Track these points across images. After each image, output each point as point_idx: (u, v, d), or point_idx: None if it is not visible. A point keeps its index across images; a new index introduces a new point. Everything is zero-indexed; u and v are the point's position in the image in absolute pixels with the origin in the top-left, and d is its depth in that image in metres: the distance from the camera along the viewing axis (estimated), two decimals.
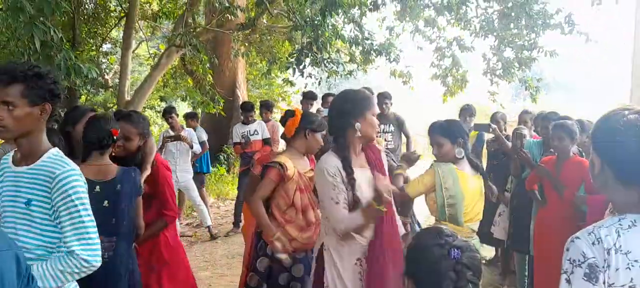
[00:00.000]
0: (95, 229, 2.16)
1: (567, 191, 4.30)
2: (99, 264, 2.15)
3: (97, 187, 3.03)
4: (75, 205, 2.10)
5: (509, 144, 5.34)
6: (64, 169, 2.12)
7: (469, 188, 3.42)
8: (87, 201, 2.15)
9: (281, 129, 4.78)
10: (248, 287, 3.59)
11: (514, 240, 5.23)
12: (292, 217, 3.55)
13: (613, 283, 1.48)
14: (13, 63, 2.17)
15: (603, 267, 1.47)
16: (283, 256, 3.46)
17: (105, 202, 3.05)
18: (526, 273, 5.12)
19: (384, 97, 7.22)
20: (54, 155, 2.18)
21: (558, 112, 5.38)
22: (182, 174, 7.47)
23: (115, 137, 3.13)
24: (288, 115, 3.69)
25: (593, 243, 1.49)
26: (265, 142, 7.65)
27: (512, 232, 5.24)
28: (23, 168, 2.16)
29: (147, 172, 3.46)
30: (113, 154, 3.21)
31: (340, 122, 2.78)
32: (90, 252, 2.10)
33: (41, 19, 4.32)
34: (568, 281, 1.51)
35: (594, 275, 1.47)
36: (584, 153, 4.71)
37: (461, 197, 3.36)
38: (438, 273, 1.60)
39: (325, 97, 7.90)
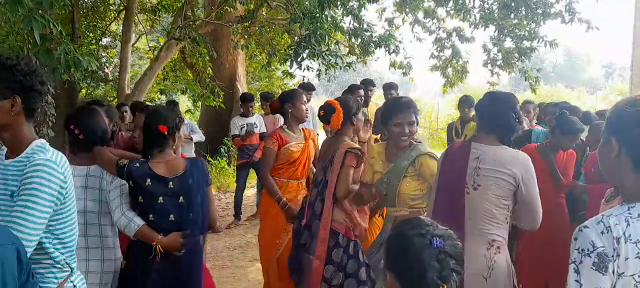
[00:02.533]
0: (37, 225, 2.03)
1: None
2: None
3: (171, 183, 3.04)
4: (30, 195, 2.01)
5: None
6: (42, 157, 2.07)
7: None
8: (49, 196, 2.05)
9: (282, 121, 4.90)
10: (325, 279, 3.61)
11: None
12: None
13: (623, 273, 1.45)
14: None
15: (612, 256, 1.45)
16: None
17: (181, 198, 3.06)
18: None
19: (389, 88, 7.25)
20: (38, 145, 2.14)
21: (569, 102, 5.41)
22: None
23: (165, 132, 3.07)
24: (330, 110, 3.79)
25: (602, 232, 1.47)
26: (261, 137, 7.65)
27: None
28: (9, 161, 2.14)
29: None
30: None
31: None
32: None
33: (40, 12, 4.31)
34: (577, 271, 1.48)
35: (603, 264, 1.44)
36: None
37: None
38: (421, 263, 1.55)
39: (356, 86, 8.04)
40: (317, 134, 7.54)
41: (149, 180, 3.00)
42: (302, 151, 4.41)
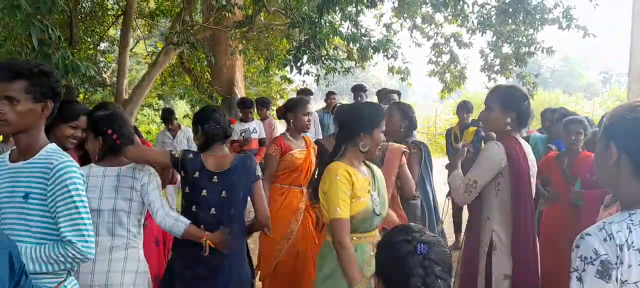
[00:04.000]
0: (90, 221, 2.17)
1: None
2: (92, 257, 2.16)
3: (215, 177, 3.19)
4: (72, 196, 2.12)
5: None
6: (61, 160, 2.15)
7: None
8: (83, 193, 2.18)
9: (278, 125, 4.91)
10: None
11: None
12: None
13: (626, 280, 1.44)
14: (17, 59, 2.22)
15: (615, 263, 1.43)
16: None
17: (223, 192, 3.19)
18: None
19: (357, 90, 7.41)
20: (52, 149, 2.21)
21: (566, 108, 5.44)
22: None
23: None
24: None
25: (605, 240, 1.45)
26: (261, 142, 7.64)
27: None
28: (21, 163, 2.18)
29: None
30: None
31: None
32: (84, 243, 2.12)
33: (38, 17, 4.31)
34: (579, 279, 1.45)
35: (606, 272, 1.42)
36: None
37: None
38: (405, 269, 1.58)
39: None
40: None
41: (197, 172, 3.20)
42: (305, 158, 4.42)
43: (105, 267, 2.90)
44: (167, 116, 8.20)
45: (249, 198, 3.38)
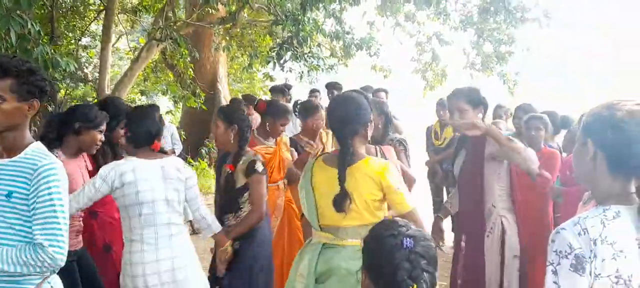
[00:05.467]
0: (67, 227, 2.13)
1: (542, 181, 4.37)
2: (62, 264, 2.12)
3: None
4: (52, 199, 2.08)
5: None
6: (46, 162, 2.11)
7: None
8: (65, 197, 2.14)
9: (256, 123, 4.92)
10: None
11: None
12: None
13: (599, 274, 1.48)
14: (5, 57, 2.17)
15: (589, 257, 1.48)
16: None
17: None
18: None
19: (331, 88, 7.42)
20: (38, 149, 2.17)
21: (532, 104, 5.51)
22: None
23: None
24: None
25: (579, 234, 1.49)
26: None
27: None
28: (5, 161, 2.14)
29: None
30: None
31: None
32: (56, 249, 2.07)
33: (18, 11, 4.28)
34: (554, 272, 1.50)
35: (580, 265, 1.47)
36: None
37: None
38: (392, 264, 1.60)
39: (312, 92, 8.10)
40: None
41: None
42: (274, 154, 4.40)
43: (169, 253, 3.02)
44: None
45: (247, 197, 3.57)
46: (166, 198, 3.03)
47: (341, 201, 2.59)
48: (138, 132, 3.08)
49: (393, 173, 2.65)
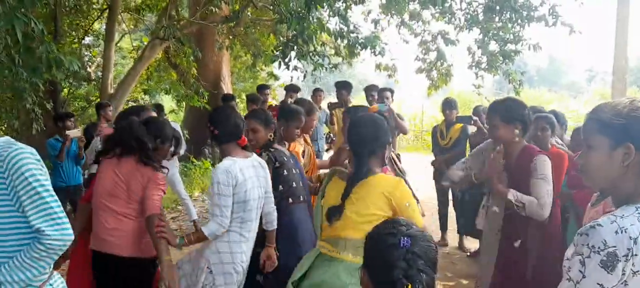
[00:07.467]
0: (58, 204, 2.08)
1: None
2: (72, 238, 2.09)
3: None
4: (30, 183, 2.02)
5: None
6: (12, 149, 2.05)
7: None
8: (43, 178, 2.07)
9: None
10: None
11: None
12: None
13: (638, 271, 1.48)
14: None
15: (625, 256, 1.46)
16: None
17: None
18: None
19: (369, 90, 7.23)
20: (3, 140, 2.11)
21: (536, 105, 5.50)
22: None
23: None
24: None
25: (616, 232, 1.48)
26: None
27: None
28: None
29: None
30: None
31: None
32: (57, 228, 2.03)
33: (22, 10, 4.25)
34: (582, 263, 1.49)
35: (611, 264, 1.46)
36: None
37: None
38: (388, 262, 1.61)
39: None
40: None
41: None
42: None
43: (252, 244, 3.31)
44: (157, 111, 8.06)
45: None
46: (259, 196, 3.29)
47: (334, 211, 2.75)
48: (227, 128, 3.24)
49: (404, 190, 2.74)
